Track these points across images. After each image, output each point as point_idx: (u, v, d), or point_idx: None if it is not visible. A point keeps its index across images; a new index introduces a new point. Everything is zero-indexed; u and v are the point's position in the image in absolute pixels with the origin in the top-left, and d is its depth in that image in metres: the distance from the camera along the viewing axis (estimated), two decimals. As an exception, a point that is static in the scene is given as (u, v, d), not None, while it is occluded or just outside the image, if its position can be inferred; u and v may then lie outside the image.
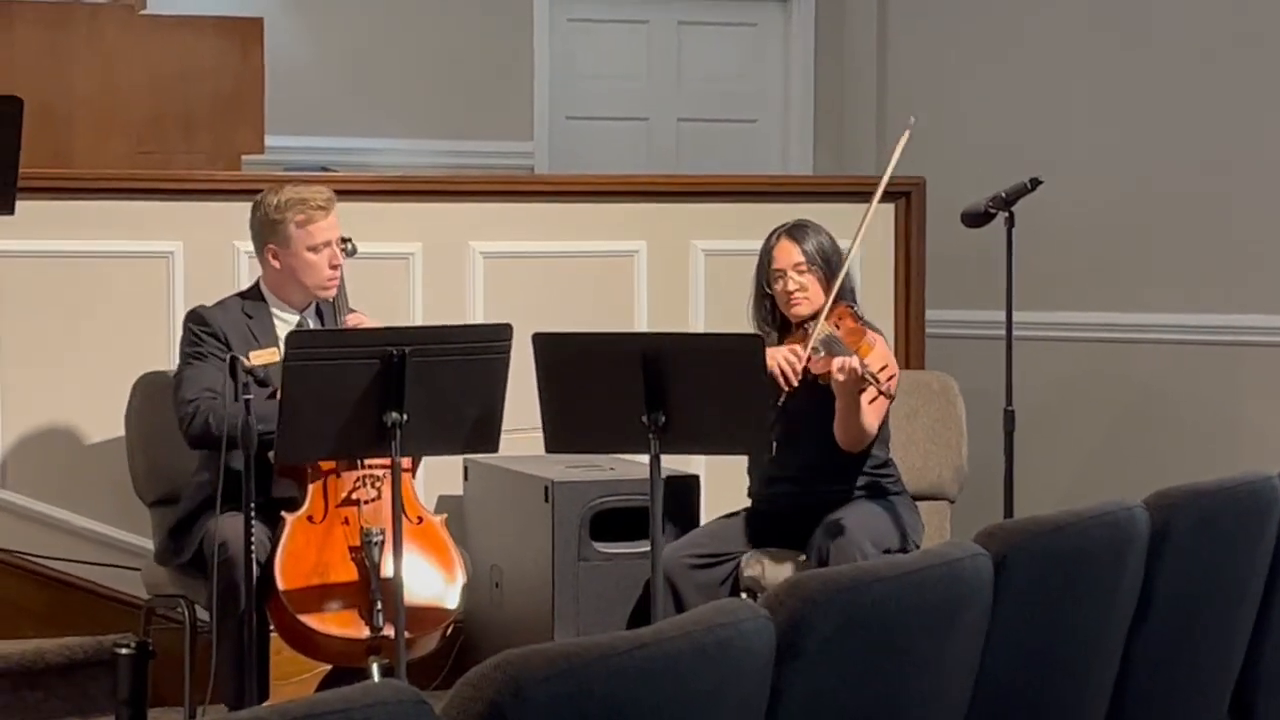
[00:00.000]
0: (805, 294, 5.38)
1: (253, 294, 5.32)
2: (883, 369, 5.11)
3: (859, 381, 5.06)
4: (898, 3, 8.30)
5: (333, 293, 5.29)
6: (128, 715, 5.17)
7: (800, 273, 5.39)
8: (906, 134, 5.46)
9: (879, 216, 6.66)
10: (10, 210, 5.08)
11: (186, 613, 5.22)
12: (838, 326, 5.31)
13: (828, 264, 5.42)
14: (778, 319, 5.46)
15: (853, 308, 5.40)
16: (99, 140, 6.70)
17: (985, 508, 5.58)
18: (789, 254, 5.41)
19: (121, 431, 5.68)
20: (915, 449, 5.97)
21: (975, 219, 5.90)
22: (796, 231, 5.45)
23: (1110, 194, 7.49)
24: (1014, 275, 5.80)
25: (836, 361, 5.09)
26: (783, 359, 5.18)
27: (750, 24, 8.73)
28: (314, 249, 5.22)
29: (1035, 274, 7.01)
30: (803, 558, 5.30)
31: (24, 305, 5.91)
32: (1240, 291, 7.14)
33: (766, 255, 5.47)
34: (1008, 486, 5.81)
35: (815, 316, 5.35)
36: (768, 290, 5.44)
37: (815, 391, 5.24)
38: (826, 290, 5.38)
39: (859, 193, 6.78)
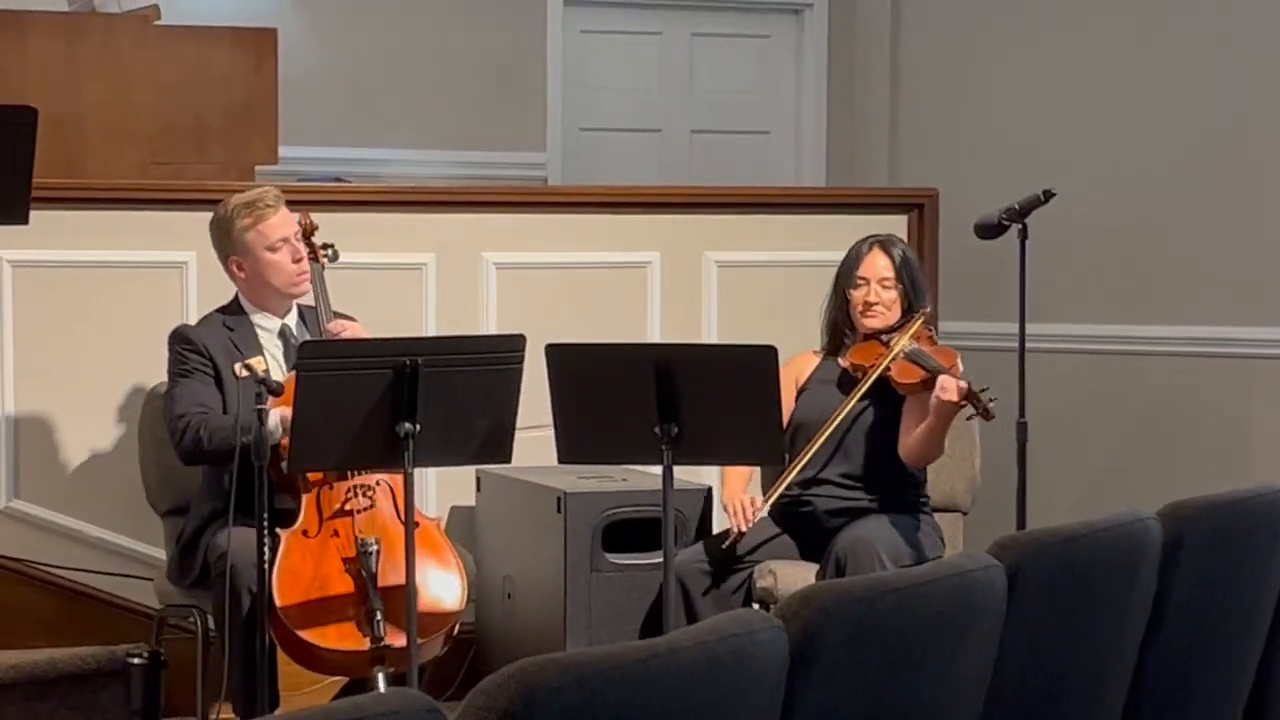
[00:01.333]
0: (885, 308, 5.41)
1: (233, 308, 5.33)
2: (984, 390, 5.12)
3: (957, 404, 5.09)
4: (910, 14, 8.30)
5: (304, 289, 5.29)
6: (140, 725, 5.18)
7: (885, 287, 5.43)
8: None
9: (893, 228, 6.64)
10: (24, 220, 5.08)
11: (198, 622, 5.22)
12: (919, 342, 5.34)
13: (913, 283, 5.45)
14: (850, 327, 5.49)
15: (930, 331, 5.45)
16: (112, 150, 6.70)
17: (998, 519, 5.57)
18: (877, 265, 5.45)
19: (134, 442, 5.69)
20: (928, 460, 5.97)
21: (988, 231, 5.89)
22: (889, 244, 5.48)
23: (1123, 206, 7.48)
24: (1027, 287, 5.80)
25: (945, 380, 5.11)
26: (739, 504, 5.22)
27: (763, 36, 8.73)
28: (271, 248, 5.23)
29: (1048, 286, 7.01)
30: (816, 569, 5.30)
31: (37, 315, 5.92)
32: (1253, 304, 7.13)
33: (854, 261, 5.49)
34: (1020, 498, 5.80)
35: (888, 331, 5.38)
36: (847, 296, 5.46)
37: (881, 402, 5.26)
38: (903, 309, 5.40)
39: (872, 204, 6.81)
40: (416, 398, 4.63)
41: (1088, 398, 7.54)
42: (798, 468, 5.31)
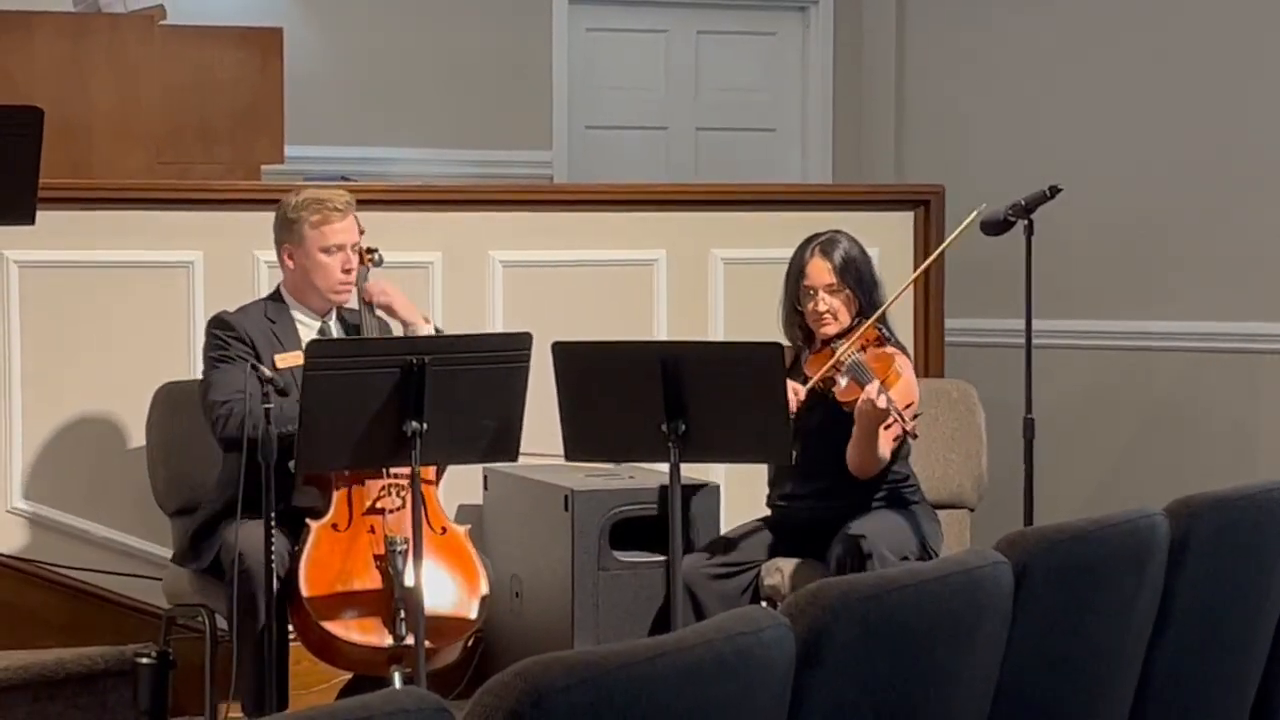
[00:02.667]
0: (834, 315, 5.36)
1: (274, 298, 5.35)
2: (908, 406, 5.08)
3: (881, 415, 5.05)
4: (915, 11, 8.30)
5: (345, 297, 5.30)
6: (148, 724, 5.19)
7: (831, 293, 5.36)
8: (975, 214, 5.48)
9: (899, 224, 6.69)
10: (31, 221, 5.08)
11: (207, 622, 5.23)
12: (864, 349, 5.28)
13: (860, 283, 5.39)
14: (806, 332, 5.45)
15: (880, 329, 5.37)
16: (118, 151, 6.71)
17: (1005, 516, 5.57)
18: (821, 273, 5.37)
19: (142, 442, 5.69)
20: (935, 457, 5.96)
21: (994, 227, 5.89)
22: (829, 248, 5.39)
23: (1129, 202, 7.48)
24: (1033, 283, 5.79)
25: (864, 391, 5.07)
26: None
27: (769, 33, 8.73)
28: (327, 250, 5.23)
29: (1055, 282, 7.00)
30: (822, 566, 5.29)
31: (44, 315, 5.92)
32: (1260, 299, 7.12)
33: (798, 271, 5.43)
34: (1028, 495, 5.80)
35: (843, 335, 5.35)
36: (798, 308, 5.42)
37: (837, 409, 5.23)
38: (856, 308, 5.36)
39: (878, 201, 6.81)
40: (424, 396, 4.63)
41: (1095, 394, 7.54)
42: None
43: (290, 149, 7.07)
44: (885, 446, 5.20)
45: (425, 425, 4.64)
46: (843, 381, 5.21)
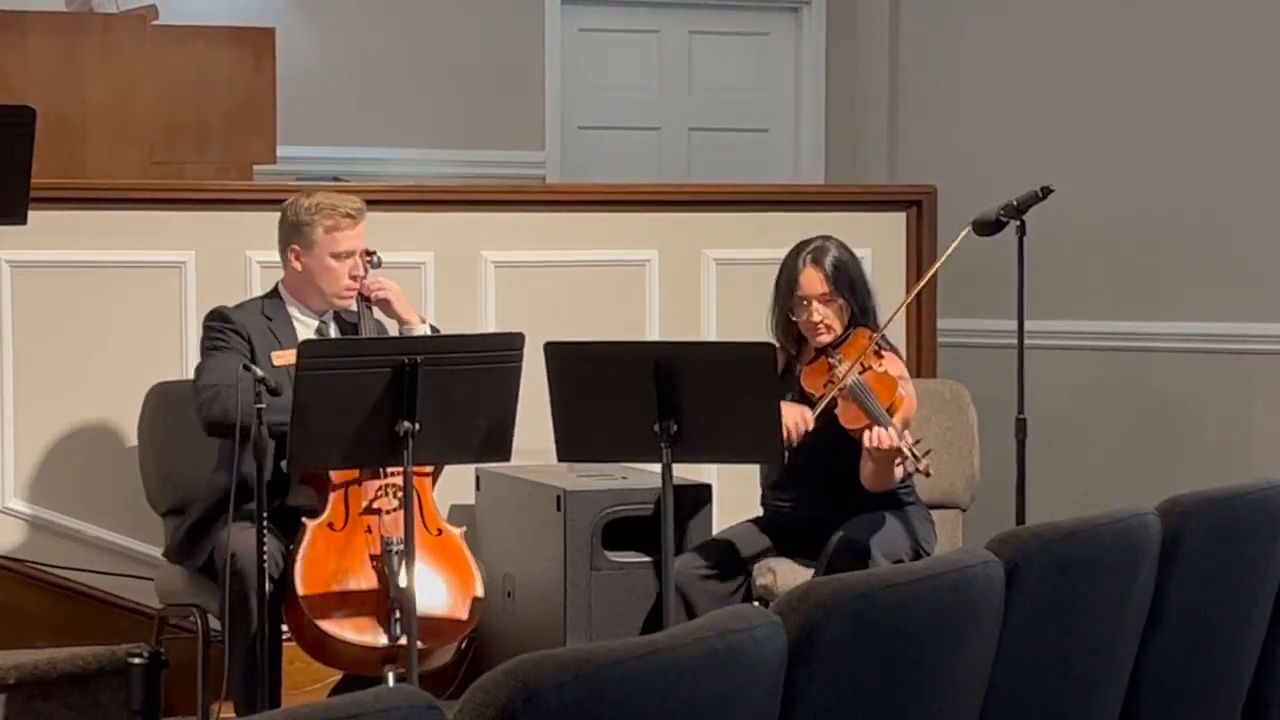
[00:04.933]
0: (829, 325, 5.35)
1: (272, 296, 5.35)
2: (917, 443, 5.07)
3: (895, 454, 5.04)
4: (909, 11, 8.30)
5: (347, 302, 5.30)
6: (140, 724, 5.18)
7: (825, 302, 5.35)
8: (965, 231, 5.51)
9: (892, 225, 6.69)
10: (23, 220, 5.08)
11: (199, 622, 5.22)
12: (864, 368, 5.26)
13: (852, 289, 5.38)
14: (798, 339, 5.45)
15: (872, 336, 5.35)
16: (111, 150, 6.71)
17: (997, 516, 5.57)
18: (814, 283, 5.35)
19: (134, 441, 5.69)
20: (927, 458, 5.96)
21: (987, 227, 5.89)
22: (820, 256, 5.38)
23: (1121, 202, 7.48)
24: (1025, 284, 5.80)
25: (875, 433, 5.04)
26: (791, 423, 5.17)
27: (762, 33, 8.73)
28: (336, 256, 5.24)
29: (1047, 282, 7.00)
30: (815, 566, 5.29)
31: (36, 315, 5.92)
32: (1253, 300, 7.13)
33: (790, 280, 5.42)
34: (1020, 495, 5.80)
35: (837, 344, 5.34)
36: (791, 318, 5.41)
37: (837, 424, 5.23)
38: (849, 314, 5.36)
39: (871, 201, 6.81)
40: (416, 396, 4.63)
41: (1087, 394, 7.54)
42: None
43: (283, 149, 7.06)
44: (898, 471, 5.20)
45: (417, 425, 4.64)
46: (843, 406, 5.20)
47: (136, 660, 5.22)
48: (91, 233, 5.99)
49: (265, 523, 4.71)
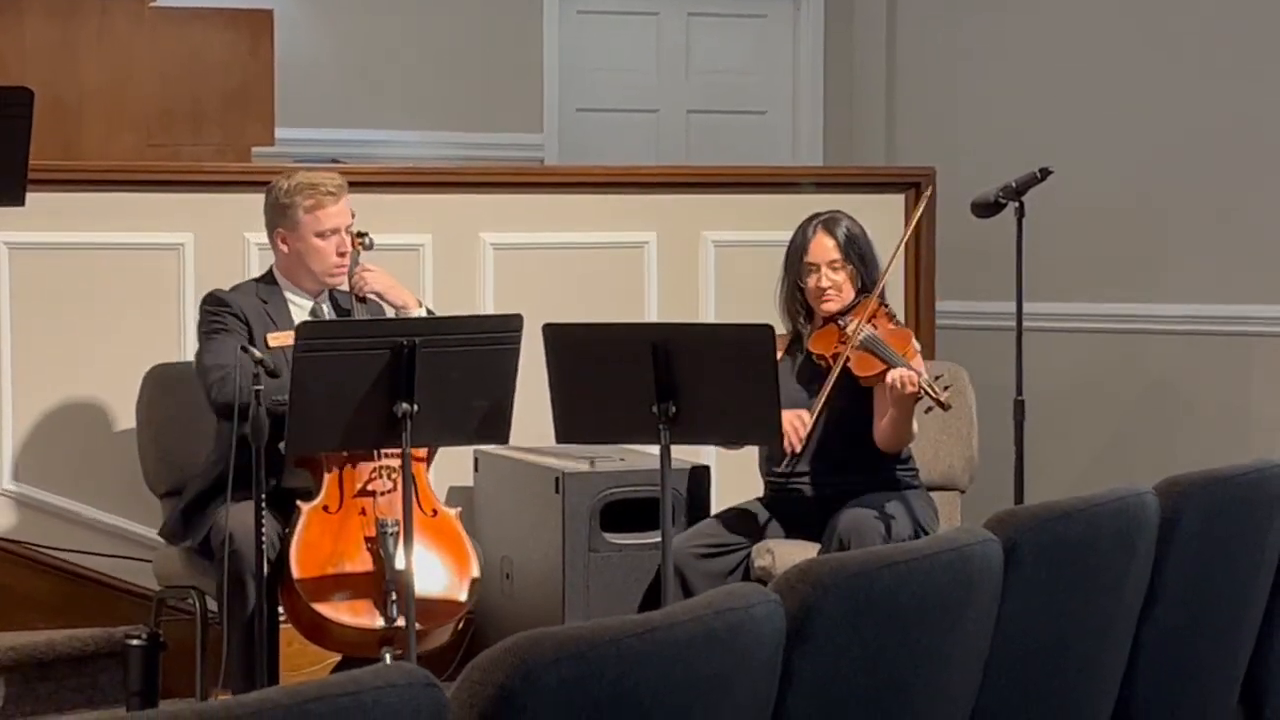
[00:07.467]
0: (838, 290, 5.37)
1: (266, 279, 5.34)
2: (938, 378, 5.11)
3: (916, 395, 5.07)
4: (907, -6, 8.29)
5: (339, 280, 5.30)
6: (138, 706, 5.18)
7: (834, 269, 5.38)
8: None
9: (890, 207, 6.68)
10: (20, 202, 5.08)
11: (197, 604, 5.22)
12: (875, 326, 5.29)
13: (861, 260, 5.40)
14: (806, 310, 5.46)
15: (885, 305, 5.39)
16: (109, 132, 6.71)
17: (996, 498, 5.56)
18: (824, 249, 5.38)
19: (132, 423, 5.68)
20: (926, 439, 5.95)
21: (985, 209, 5.89)
22: (832, 225, 5.41)
23: (1120, 184, 7.48)
24: (1024, 266, 5.80)
25: (896, 372, 5.09)
26: (788, 425, 5.18)
27: (759, 15, 8.72)
28: (321, 235, 5.23)
29: (1045, 264, 7.00)
30: (817, 548, 5.29)
31: (34, 297, 5.91)
32: (1251, 282, 7.13)
33: (800, 248, 5.44)
34: (1018, 477, 5.80)
35: (845, 312, 5.36)
36: (800, 284, 5.43)
37: (846, 391, 5.24)
38: (857, 285, 5.38)
39: (869, 183, 6.81)
40: (414, 378, 4.63)
41: (1086, 376, 7.54)
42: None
43: (280, 131, 7.06)
44: (915, 421, 5.24)
45: (415, 407, 4.63)
46: (856, 357, 5.23)
47: (135, 642, 5.22)
48: (90, 215, 5.98)
49: (262, 504, 4.71)
